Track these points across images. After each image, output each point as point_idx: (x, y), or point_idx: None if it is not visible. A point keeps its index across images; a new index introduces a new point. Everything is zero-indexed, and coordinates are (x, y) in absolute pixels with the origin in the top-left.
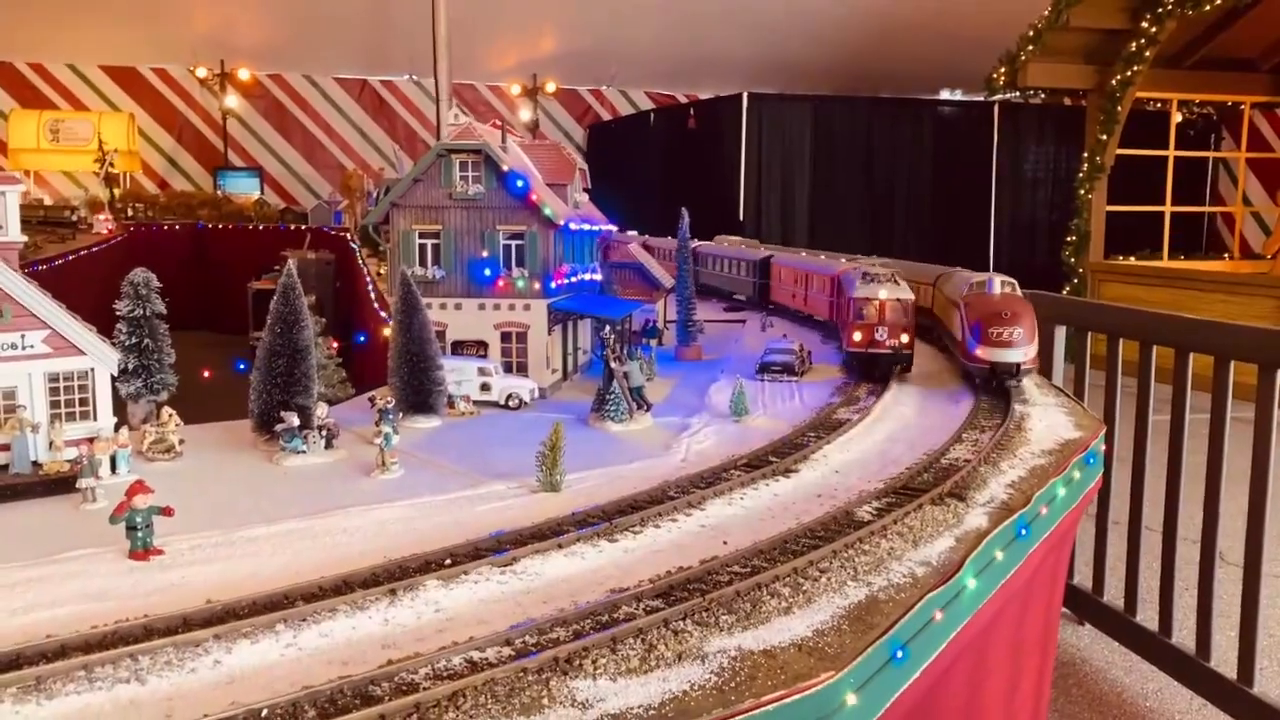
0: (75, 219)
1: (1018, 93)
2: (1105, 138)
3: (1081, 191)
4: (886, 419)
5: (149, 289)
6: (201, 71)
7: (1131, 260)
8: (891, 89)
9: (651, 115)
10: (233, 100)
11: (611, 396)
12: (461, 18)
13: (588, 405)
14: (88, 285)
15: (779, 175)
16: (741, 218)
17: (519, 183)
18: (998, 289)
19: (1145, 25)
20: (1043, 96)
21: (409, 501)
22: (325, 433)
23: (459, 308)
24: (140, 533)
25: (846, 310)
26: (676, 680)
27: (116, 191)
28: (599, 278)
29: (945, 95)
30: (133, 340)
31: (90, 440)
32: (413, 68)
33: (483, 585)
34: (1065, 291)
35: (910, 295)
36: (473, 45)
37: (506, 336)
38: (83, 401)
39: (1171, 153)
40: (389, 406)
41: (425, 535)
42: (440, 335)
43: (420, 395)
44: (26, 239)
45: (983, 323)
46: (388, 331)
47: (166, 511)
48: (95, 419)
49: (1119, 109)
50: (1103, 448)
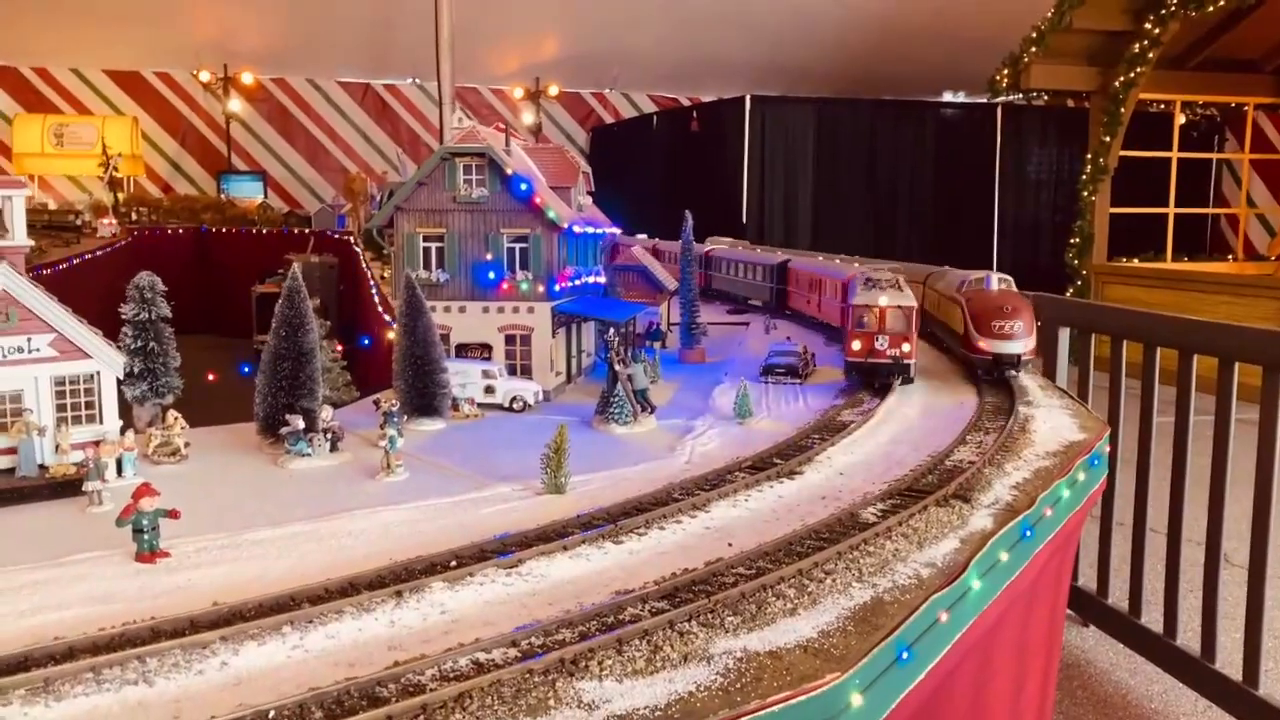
0: (79, 223)
1: (1020, 95)
2: (1108, 139)
3: (1085, 193)
4: (890, 421)
5: (154, 293)
6: (205, 75)
7: (1135, 262)
8: (894, 91)
9: (654, 118)
10: (236, 104)
11: (616, 399)
12: (464, 21)
13: (592, 408)
14: (92, 289)
15: (782, 178)
16: (745, 220)
17: (523, 186)
18: (995, 285)
19: (1148, 26)
20: (1045, 98)
21: (414, 504)
22: (330, 435)
23: (463, 311)
24: (147, 535)
25: (846, 317)
26: (682, 681)
27: (120, 195)
28: (602, 280)
29: (948, 97)
30: (138, 344)
31: (96, 443)
32: (416, 71)
33: (488, 587)
34: (1068, 293)
35: (912, 302)
36: (476, 48)
37: (510, 339)
38: (89, 405)
39: (1175, 154)
40: (394, 409)
41: (430, 537)
42: (444, 338)
43: (425, 398)
44: (32, 243)
45: (985, 317)
46: (392, 335)
47: (173, 514)
48: (101, 422)
49: (1122, 110)
50: (1107, 449)
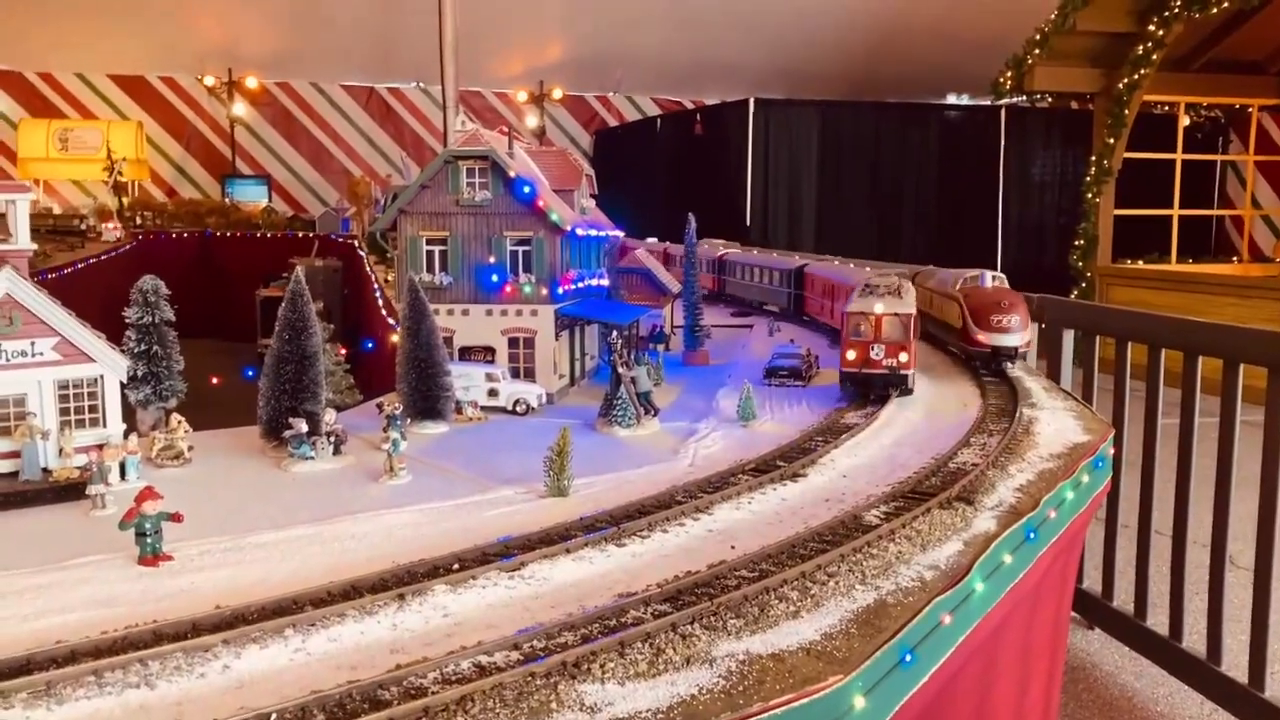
0: (84, 227)
1: (1024, 97)
2: (1112, 141)
3: (1089, 195)
4: (894, 423)
5: (158, 296)
6: (209, 80)
7: (1139, 264)
8: (898, 94)
9: (658, 121)
10: (240, 108)
11: (619, 402)
12: (468, 25)
13: (595, 410)
14: (96, 293)
15: (786, 180)
16: (749, 223)
17: (526, 189)
18: (990, 282)
19: (1152, 28)
20: (1049, 100)
21: (417, 507)
22: (333, 439)
23: (466, 314)
24: (150, 539)
25: (842, 325)
26: (685, 684)
27: (125, 200)
28: (606, 283)
29: (951, 100)
30: (142, 347)
31: (100, 447)
32: (420, 75)
33: (491, 590)
34: (1073, 295)
35: (911, 309)
36: (479, 52)
37: (514, 342)
38: (92, 409)
39: (1179, 156)
40: (397, 412)
41: (433, 540)
42: (448, 341)
43: (428, 401)
44: (36, 247)
45: (984, 312)
46: (395, 338)
47: (176, 517)
48: (105, 426)
49: (1126, 112)
50: (1111, 451)
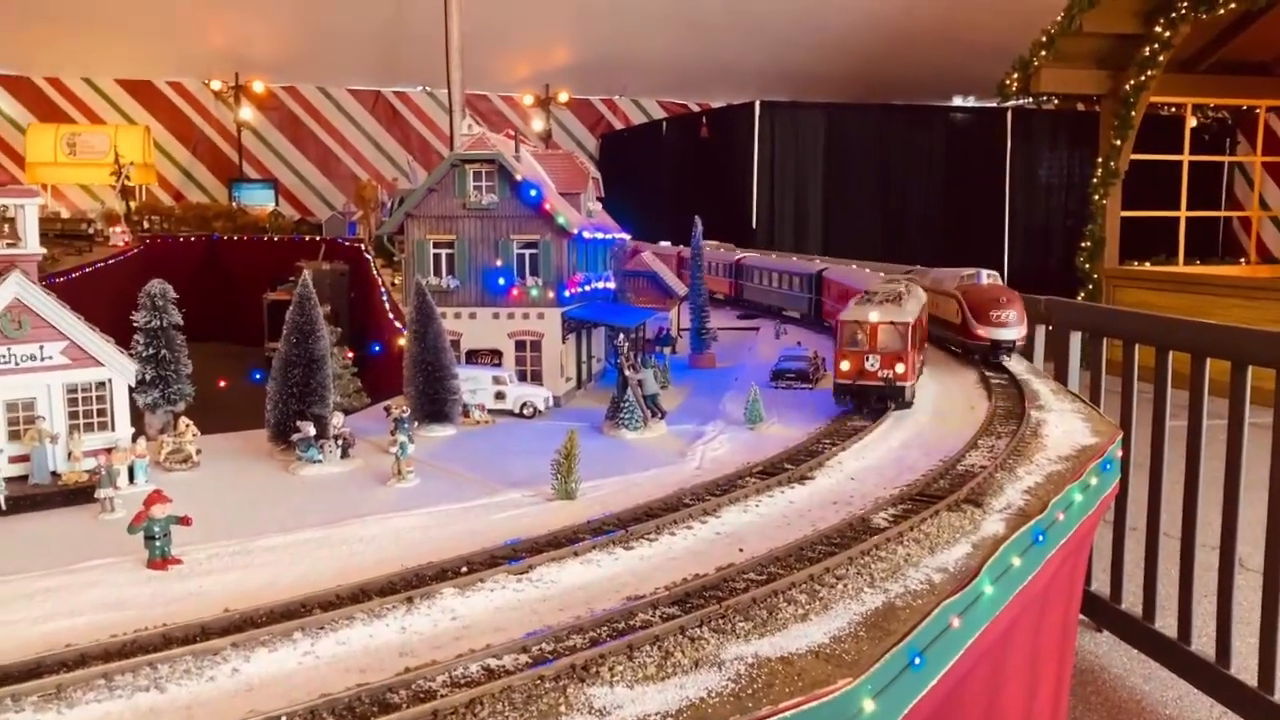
0: (91, 232)
1: (1030, 99)
2: (1119, 143)
3: (1095, 197)
4: (901, 426)
5: (165, 300)
6: (216, 84)
7: (1146, 265)
8: (903, 96)
9: (664, 124)
10: (247, 113)
11: (626, 404)
12: (474, 29)
13: (602, 413)
14: (104, 297)
15: (792, 182)
16: (754, 226)
17: (532, 192)
18: (985, 280)
19: (1159, 30)
20: (1055, 102)
21: (425, 510)
22: (341, 442)
23: (473, 317)
24: (158, 542)
25: (837, 334)
26: (694, 687)
27: (132, 204)
28: (612, 286)
29: (958, 102)
30: (150, 351)
31: (108, 451)
32: (426, 79)
33: (499, 593)
34: (1080, 297)
35: (909, 318)
36: (486, 56)
37: (521, 345)
38: (100, 412)
39: (1186, 157)
40: (404, 415)
41: (441, 543)
42: (455, 344)
43: (435, 404)
44: (45, 251)
45: (983, 308)
46: (403, 341)
47: (184, 521)
48: (113, 429)
49: (1133, 114)
50: (1119, 453)
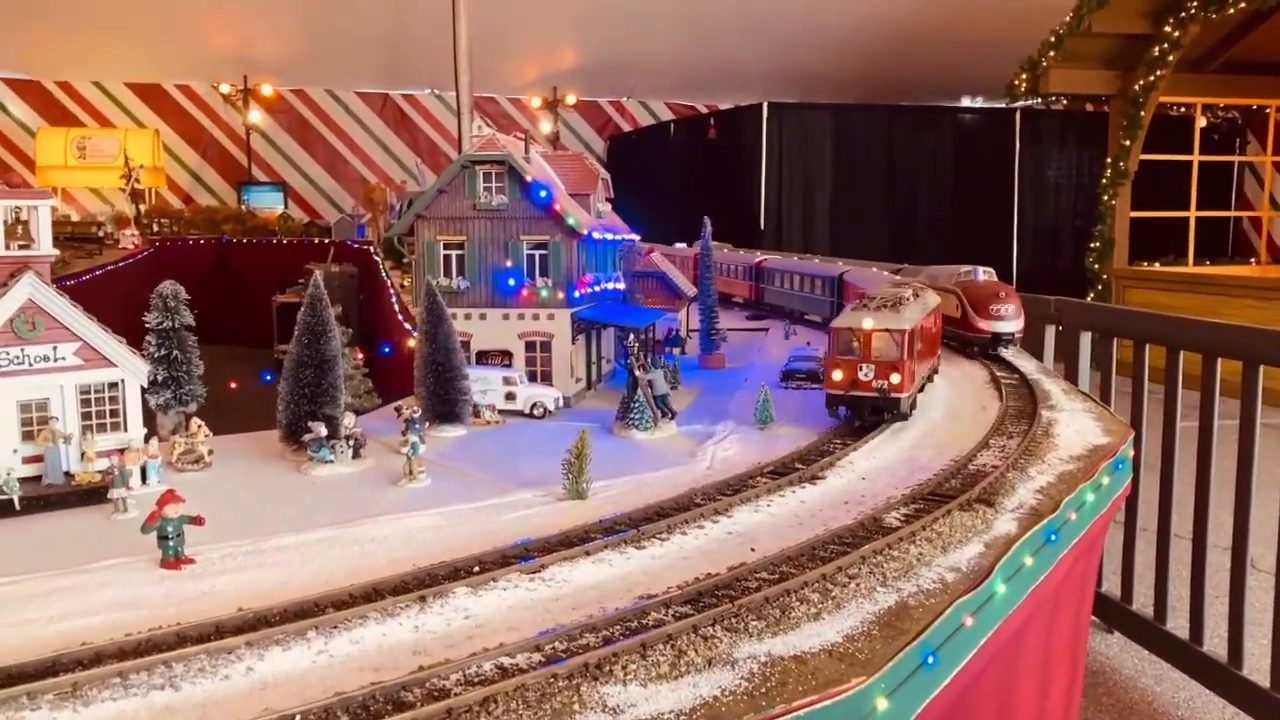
0: (102, 235)
1: (1039, 99)
2: (1128, 143)
3: (1105, 197)
4: (912, 426)
5: (177, 301)
6: (225, 87)
7: (1156, 266)
8: (911, 97)
9: (672, 126)
10: (256, 115)
11: (636, 405)
12: (482, 32)
13: (612, 414)
14: (114, 300)
15: (800, 184)
16: (762, 226)
17: (542, 193)
18: (982, 277)
19: (1168, 30)
20: (1064, 103)
21: (437, 510)
22: (353, 442)
23: (483, 318)
24: (172, 542)
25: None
26: (707, 686)
27: (142, 207)
28: (622, 287)
29: (966, 102)
30: (162, 352)
31: (121, 451)
32: (434, 81)
33: (511, 592)
34: (1089, 298)
35: (906, 325)
36: (493, 59)
37: (531, 346)
38: (113, 413)
39: (1196, 157)
40: (415, 416)
41: (453, 543)
42: (465, 345)
43: (446, 405)
44: (58, 253)
45: (983, 302)
46: (413, 342)
47: (197, 521)
48: (126, 430)
49: (1142, 114)
50: (1131, 453)
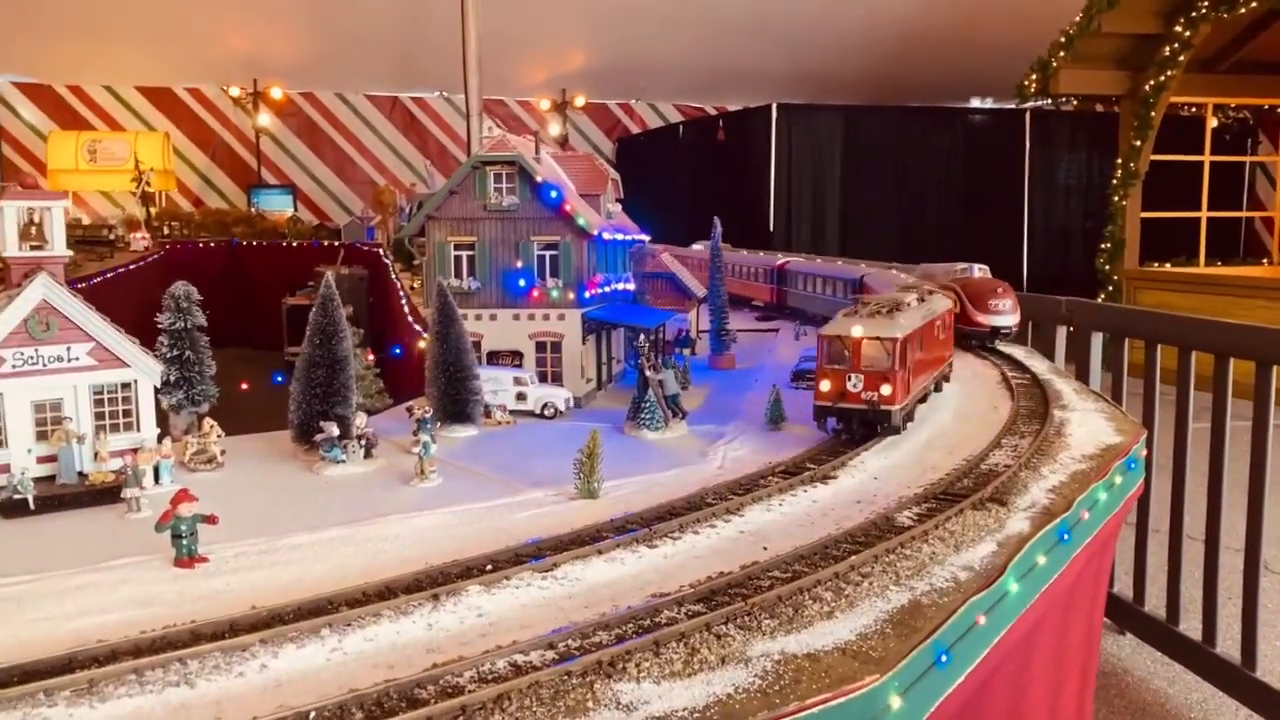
0: (113, 237)
1: (1049, 100)
2: (1139, 143)
3: (1115, 198)
4: (924, 426)
5: (190, 302)
6: (235, 90)
7: (1167, 267)
8: (921, 98)
9: (680, 128)
10: (265, 118)
11: (647, 404)
12: (491, 34)
13: (622, 414)
14: (126, 303)
15: (809, 185)
16: (772, 228)
17: (553, 193)
18: (977, 274)
19: (1179, 29)
20: (1074, 103)
21: (449, 509)
22: (364, 442)
23: (494, 318)
24: (185, 540)
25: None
26: (720, 683)
27: (152, 210)
28: (632, 287)
29: (975, 103)
30: (174, 352)
31: (134, 451)
32: (443, 84)
33: (524, 590)
34: (1100, 299)
35: (900, 332)
36: (502, 61)
37: (541, 346)
38: (126, 413)
39: (1207, 157)
40: (427, 416)
41: (466, 542)
42: (476, 346)
43: (457, 405)
44: (72, 254)
45: (982, 298)
46: (423, 344)
47: (211, 520)
48: (139, 430)
49: (1153, 114)
50: (1144, 453)
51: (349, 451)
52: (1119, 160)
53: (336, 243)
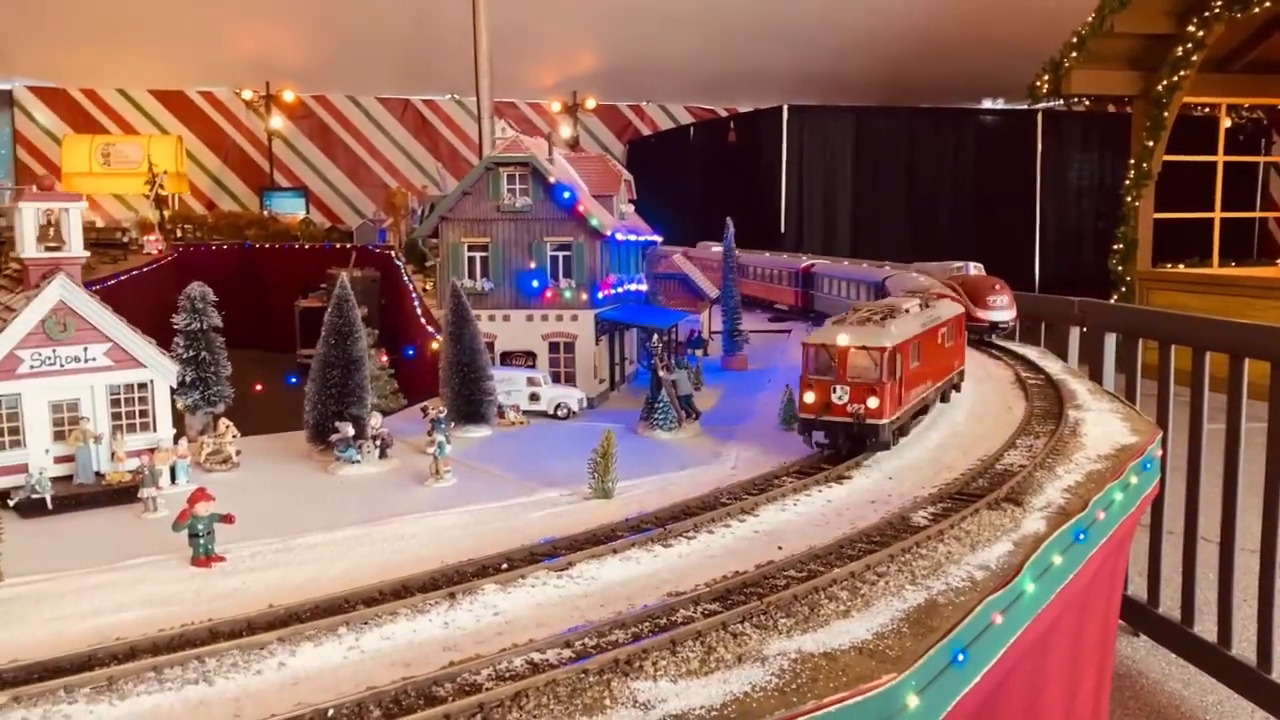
0: (126, 240)
1: (1061, 100)
2: (1152, 144)
3: (1128, 199)
4: (938, 426)
5: (205, 302)
6: (247, 94)
7: (1180, 268)
8: (932, 99)
9: (691, 129)
10: (278, 121)
11: (660, 405)
12: (501, 37)
13: (635, 415)
14: (140, 305)
15: (820, 186)
16: (783, 229)
17: (566, 194)
18: (973, 272)
19: (1192, 29)
20: (1087, 103)
21: (464, 508)
22: (379, 442)
23: (507, 319)
24: (202, 539)
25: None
26: (737, 682)
27: (166, 213)
28: (644, 288)
29: (987, 104)
30: (190, 353)
31: (151, 451)
32: (454, 87)
33: (540, 589)
34: (1113, 300)
35: (889, 341)
36: (513, 64)
37: (554, 347)
38: (143, 413)
39: (1220, 158)
40: (441, 416)
41: (481, 541)
42: (490, 346)
43: (471, 405)
44: (89, 254)
45: (981, 294)
46: (436, 345)
47: (227, 519)
48: (155, 430)
49: (1165, 115)
50: (1159, 453)
51: (364, 452)
52: (1131, 161)
53: (349, 245)
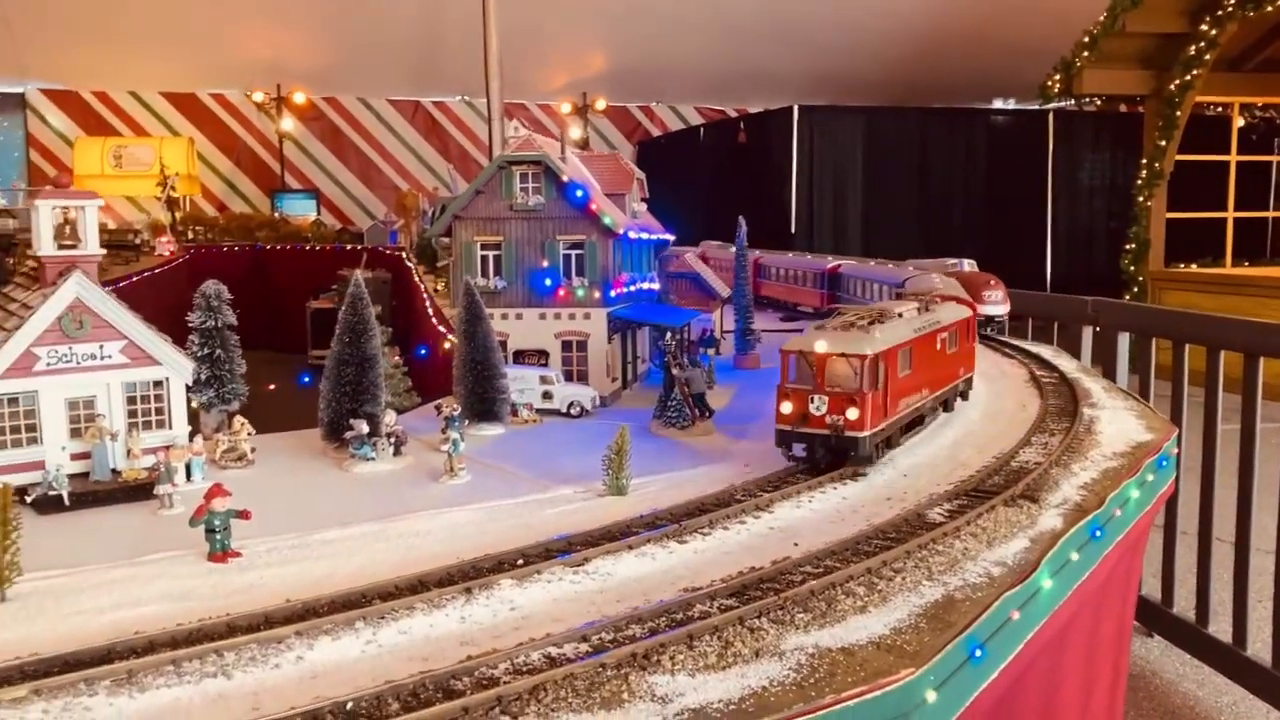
0: (138, 242)
1: (1072, 100)
2: (1164, 144)
3: (1140, 198)
4: (953, 424)
5: (220, 300)
6: (258, 96)
7: (1193, 268)
8: (943, 99)
9: (701, 130)
10: (289, 123)
11: (673, 403)
12: (512, 38)
13: (648, 413)
14: (152, 306)
15: (831, 186)
16: (794, 229)
17: (578, 193)
18: (967, 268)
19: (1205, 28)
20: (1098, 103)
21: (479, 505)
22: (394, 440)
23: (520, 317)
24: (219, 535)
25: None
26: (755, 676)
27: (177, 214)
28: (656, 287)
29: (998, 104)
30: (205, 351)
31: (166, 448)
32: (464, 88)
33: (556, 584)
34: (1125, 300)
35: (870, 349)
36: (523, 65)
37: (567, 345)
38: (158, 410)
39: (1233, 157)
40: (455, 414)
41: (496, 537)
42: (503, 345)
43: (485, 403)
44: (104, 253)
45: (976, 289)
46: (448, 345)
47: (244, 515)
48: (170, 428)
49: (1178, 114)
50: (1175, 450)
51: (378, 449)
52: (1143, 160)
53: (360, 246)
